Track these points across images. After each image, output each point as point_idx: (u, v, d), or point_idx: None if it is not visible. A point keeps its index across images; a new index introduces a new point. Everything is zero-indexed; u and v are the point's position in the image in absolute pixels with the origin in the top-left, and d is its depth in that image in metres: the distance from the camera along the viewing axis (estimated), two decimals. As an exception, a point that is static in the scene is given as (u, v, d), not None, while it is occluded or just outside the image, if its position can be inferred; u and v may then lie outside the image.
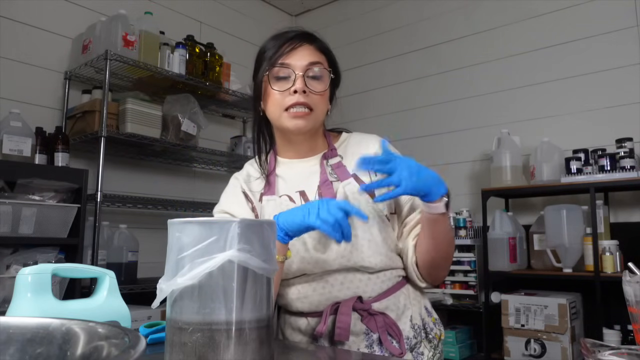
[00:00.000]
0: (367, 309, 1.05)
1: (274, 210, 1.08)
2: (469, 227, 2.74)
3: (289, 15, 3.99)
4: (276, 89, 1.06)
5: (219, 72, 2.90)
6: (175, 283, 0.63)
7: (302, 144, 1.14)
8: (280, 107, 1.06)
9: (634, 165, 2.26)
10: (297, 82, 1.04)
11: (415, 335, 1.08)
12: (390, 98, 3.36)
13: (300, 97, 1.04)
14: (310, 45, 1.09)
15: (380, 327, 1.03)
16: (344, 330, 1.01)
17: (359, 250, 1.05)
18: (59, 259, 2.02)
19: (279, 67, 1.06)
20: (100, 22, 2.46)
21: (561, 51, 2.75)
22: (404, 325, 1.08)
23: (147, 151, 2.74)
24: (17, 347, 0.52)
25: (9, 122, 2.12)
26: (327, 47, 1.14)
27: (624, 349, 0.69)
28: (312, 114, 1.06)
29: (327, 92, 1.09)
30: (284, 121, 1.07)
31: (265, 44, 1.12)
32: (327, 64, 1.11)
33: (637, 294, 0.76)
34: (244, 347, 0.62)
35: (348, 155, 1.15)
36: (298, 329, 1.10)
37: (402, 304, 1.09)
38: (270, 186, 1.13)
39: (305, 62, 1.06)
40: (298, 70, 1.05)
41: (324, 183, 1.10)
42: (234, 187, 1.17)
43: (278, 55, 1.06)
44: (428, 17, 3.32)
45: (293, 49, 1.06)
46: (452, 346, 2.57)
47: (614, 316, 2.26)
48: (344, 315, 1.01)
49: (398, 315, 1.08)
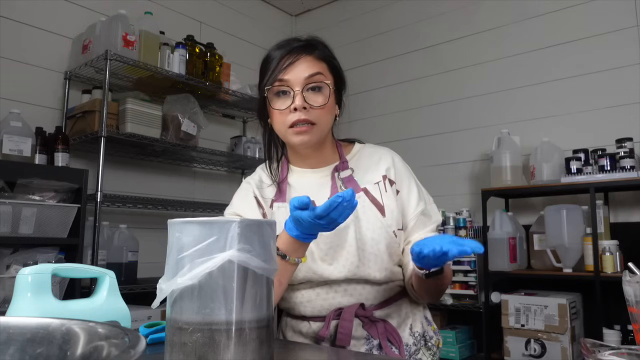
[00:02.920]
0: (369, 315, 1.06)
1: (284, 217, 1.06)
2: (469, 227, 2.75)
3: (289, 15, 3.99)
4: (277, 107, 1.06)
5: (219, 72, 2.90)
6: (175, 283, 0.63)
7: (311, 156, 1.14)
8: (284, 125, 1.06)
9: (634, 165, 2.26)
10: (296, 99, 1.03)
11: (415, 343, 1.10)
12: (390, 98, 3.36)
13: (301, 114, 1.03)
14: (309, 56, 1.07)
15: (381, 334, 1.04)
16: (346, 335, 1.02)
17: (366, 265, 1.06)
18: (59, 259, 2.02)
19: (278, 84, 1.06)
20: (100, 22, 2.46)
21: (561, 51, 2.75)
22: (404, 333, 1.09)
23: (147, 151, 2.74)
24: (17, 347, 0.52)
25: (9, 122, 2.12)
26: (328, 53, 1.12)
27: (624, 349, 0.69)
28: (316, 127, 1.05)
29: (330, 102, 1.07)
30: (289, 138, 1.07)
31: (268, 54, 1.11)
32: (329, 71, 1.10)
33: (637, 294, 0.76)
34: (244, 347, 0.62)
35: (360, 169, 1.14)
36: (299, 331, 1.11)
37: (404, 312, 1.11)
38: (282, 193, 1.14)
39: (303, 76, 1.05)
40: (297, 86, 1.04)
41: None
42: (245, 191, 1.18)
43: (277, 72, 1.06)
44: (428, 17, 3.32)
45: (290, 64, 1.05)
46: (452, 346, 2.57)
47: (614, 316, 2.26)
48: (346, 322, 1.02)
49: (399, 323, 1.09)
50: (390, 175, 1.14)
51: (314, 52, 1.09)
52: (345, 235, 1.05)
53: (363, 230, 1.06)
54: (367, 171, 1.14)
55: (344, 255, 1.05)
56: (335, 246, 1.05)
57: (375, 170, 1.14)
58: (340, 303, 1.06)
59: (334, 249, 1.05)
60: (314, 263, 1.05)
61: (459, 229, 2.75)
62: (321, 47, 1.11)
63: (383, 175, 1.13)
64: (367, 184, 1.11)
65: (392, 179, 1.14)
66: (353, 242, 1.05)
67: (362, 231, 1.06)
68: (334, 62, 1.12)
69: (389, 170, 1.14)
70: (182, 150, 2.75)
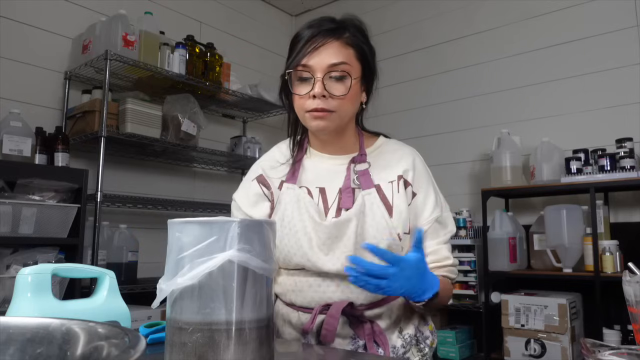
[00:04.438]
0: (357, 315, 1.04)
1: (290, 199, 1.08)
2: (469, 227, 2.74)
3: (289, 15, 3.99)
4: (297, 92, 1.05)
5: (219, 72, 2.90)
6: (175, 283, 0.63)
7: (330, 142, 1.13)
8: (302, 109, 1.05)
9: (634, 165, 2.26)
10: (316, 86, 1.02)
11: (404, 345, 1.07)
12: (390, 98, 3.36)
13: (319, 102, 1.02)
14: (337, 41, 1.04)
15: (368, 335, 1.03)
16: (330, 332, 1.01)
17: None
18: (59, 259, 2.02)
19: (301, 69, 1.04)
20: (100, 22, 2.46)
21: (561, 51, 2.75)
22: (392, 335, 1.07)
23: (147, 151, 2.74)
24: (17, 347, 0.52)
25: (9, 122, 2.11)
26: (360, 38, 1.08)
27: (624, 349, 0.69)
28: (334, 114, 1.04)
29: (352, 92, 1.05)
30: (307, 122, 1.07)
31: (298, 32, 1.08)
32: (356, 59, 1.06)
33: (637, 294, 0.76)
34: (244, 347, 0.62)
35: (377, 165, 1.12)
36: (289, 322, 1.10)
37: (396, 315, 1.08)
38: (293, 175, 1.12)
39: (327, 63, 1.02)
40: (318, 73, 1.02)
41: (345, 189, 1.09)
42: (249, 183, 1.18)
43: (301, 55, 1.03)
44: (428, 17, 3.32)
45: (315, 49, 1.03)
46: (452, 346, 2.57)
47: (614, 316, 2.26)
48: (332, 318, 1.01)
49: (389, 325, 1.07)
50: (407, 177, 1.11)
51: (343, 36, 1.05)
52: (345, 228, 1.03)
53: (366, 227, 1.04)
54: (385, 169, 1.12)
55: (340, 247, 1.03)
56: (333, 237, 1.03)
57: (393, 168, 1.12)
58: (330, 298, 1.05)
59: (332, 239, 1.03)
60: (311, 250, 1.04)
61: (459, 229, 2.75)
62: (353, 30, 1.07)
63: (399, 175, 1.11)
64: (381, 181, 1.10)
65: (408, 180, 1.11)
66: (352, 236, 1.03)
67: (365, 227, 1.04)
68: (363, 49, 1.08)
69: (407, 172, 1.11)
70: (182, 150, 2.75)
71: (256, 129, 3.51)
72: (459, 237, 2.71)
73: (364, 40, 1.09)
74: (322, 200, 1.09)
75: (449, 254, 1.12)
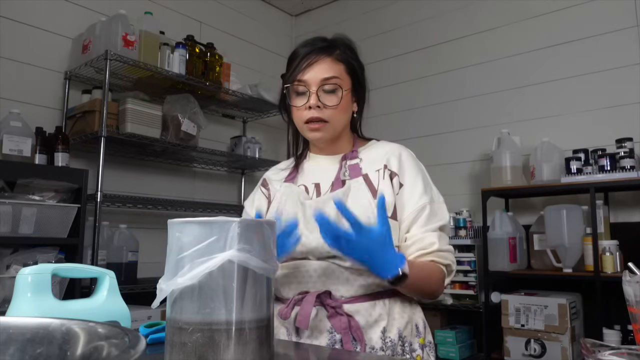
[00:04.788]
0: (335, 306, 1.05)
1: (284, 191, 1.20)
2: (469, 227, 2.74)
3: (289, 15, 3.99)
4: (294, 104, 1.17)
5: (219, 72, 2.90)
6: (175, 283, 0.63)
7: (325, 147, 1.24)
8: (300, 120, 1.17)
9: (634, 165, 2.26)
10: (311, 98, 1.14)
11: (384, 349, 1.05)
12: (390, 98, 3.36)
13: (315, 112, 1.14)
14: (329, 58, 1.16)
15: (344, 329, 1.03)
16: (304, 317, 1.02)
17: None
18: (59, 259, 2.02)
19: (297, 84, 1.16)
20: (100, 22, 2.46)
21: (561, 51, 2.75)
22: (372, 334, 1.06)
23: (147, 151, 2.74)
24: (17, 347, 0.52)
25: (9, 122, 2.12)
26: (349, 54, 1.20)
27: (624, 349, 0.69)
28: (329, 124, 1.15)
29: (344, 102, 1.16)
30: (305, 133, 1.19)
31: (295, 50, 1.20)
32: (346, 73, 1.18)
33: (637, 294, 0.76)
34: (244, 347, 0.62)
35: (367, 159, 1.21)
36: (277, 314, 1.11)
37: (377, 313, 1.07)
38: (293, 177, 1.25)
39: (320, 77, 1.14)
40: (313, 86, 1.14)
41: (337, 181, 1.18)
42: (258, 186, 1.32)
43: (297, 71, 1.16)
44: (428, 17, 3.32)
45: (309, 65, 1.15)
46: (452, 346, 2.57)
47: (614, 316, 2.26)
48: (307, 304, 1.04)
49: (369, 323, 1.06)
50: (392, 167, 1.16)
51: (334, 53, 1.17)
52: (326, 207, 1.07)
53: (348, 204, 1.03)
54: (373, 162, 1.20)
55: None
56: None
57: (380, 160, 1.19)
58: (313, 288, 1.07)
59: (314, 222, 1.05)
60: None
61: (459, 229, 2.75)
62: (343, 47, 1.19)
63: (384, 165, 1.17)
64: (369, 171, 1.17)
65: (394, 170, 1.16)
66: (332, 212, 1.04)
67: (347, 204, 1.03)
68: (352, 64, 1.20)
69: (391, 162, 1.18)
70: (182, 150, 2.75)
71: (256, 129, 3.51)
72: (459, 237, 2.71)
73: (353, 56, 1.22)
74: (317, 194, 1.19)
75: (435, 240, 1.10)
